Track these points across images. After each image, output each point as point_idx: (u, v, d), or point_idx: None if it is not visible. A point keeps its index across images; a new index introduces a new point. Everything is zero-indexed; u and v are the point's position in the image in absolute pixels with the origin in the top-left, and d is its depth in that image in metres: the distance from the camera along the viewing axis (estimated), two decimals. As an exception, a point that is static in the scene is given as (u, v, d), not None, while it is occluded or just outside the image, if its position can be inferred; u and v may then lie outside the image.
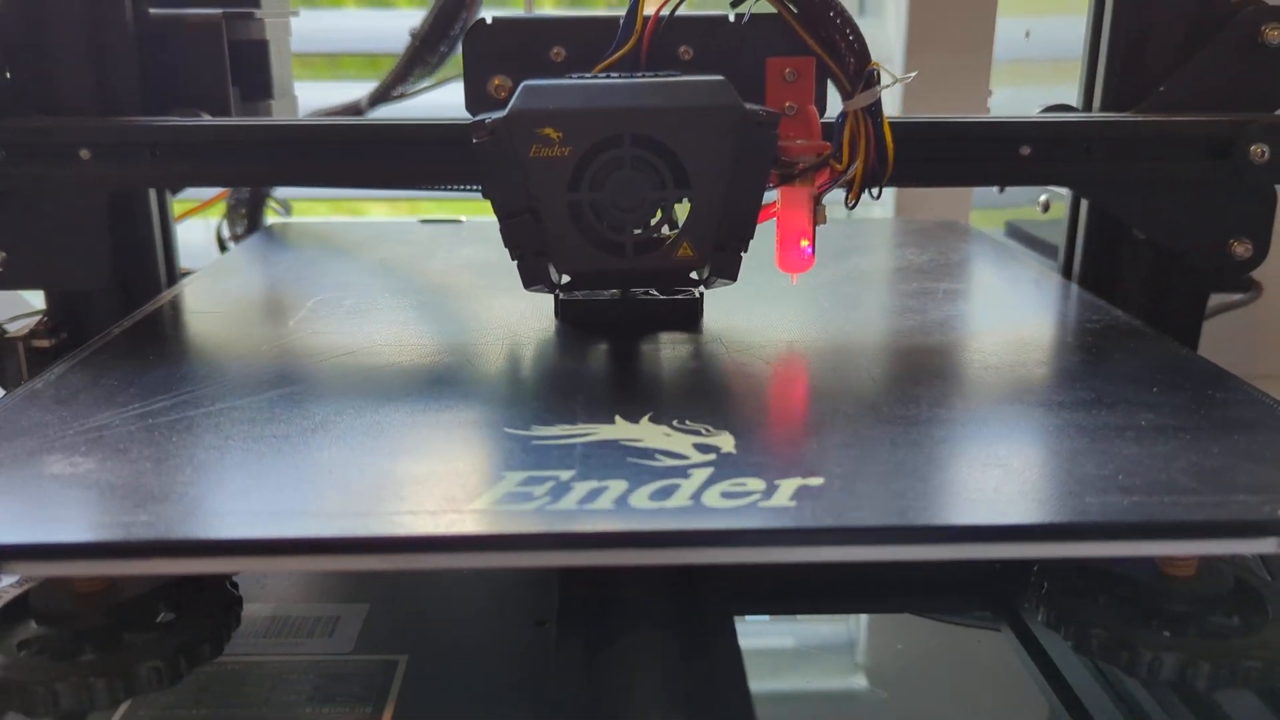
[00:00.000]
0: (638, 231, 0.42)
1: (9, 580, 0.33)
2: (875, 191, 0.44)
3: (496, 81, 0.46)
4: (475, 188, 0.49)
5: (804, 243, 0.45)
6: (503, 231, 0.42)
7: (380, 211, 1.09)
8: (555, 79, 0.42)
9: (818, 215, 0.45)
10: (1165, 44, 0.52)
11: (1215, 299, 0.67)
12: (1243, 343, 0.89)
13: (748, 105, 0.41)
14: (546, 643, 0.38)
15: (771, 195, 0.44)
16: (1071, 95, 0.56)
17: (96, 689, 0.31)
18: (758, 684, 0.36)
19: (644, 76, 0.42)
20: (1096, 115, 0.53)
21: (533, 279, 0.43)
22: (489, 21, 0.46)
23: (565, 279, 0.44)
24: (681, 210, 0.42)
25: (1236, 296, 0.72)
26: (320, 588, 0.42)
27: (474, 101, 0.46)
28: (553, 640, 0.38)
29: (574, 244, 0.42)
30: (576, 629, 0.38)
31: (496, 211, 0.41)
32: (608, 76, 0.42)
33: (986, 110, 0.75)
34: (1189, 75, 0.50)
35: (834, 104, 0.44)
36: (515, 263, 0.42)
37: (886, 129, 0.43)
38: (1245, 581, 0.36)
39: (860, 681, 0.43)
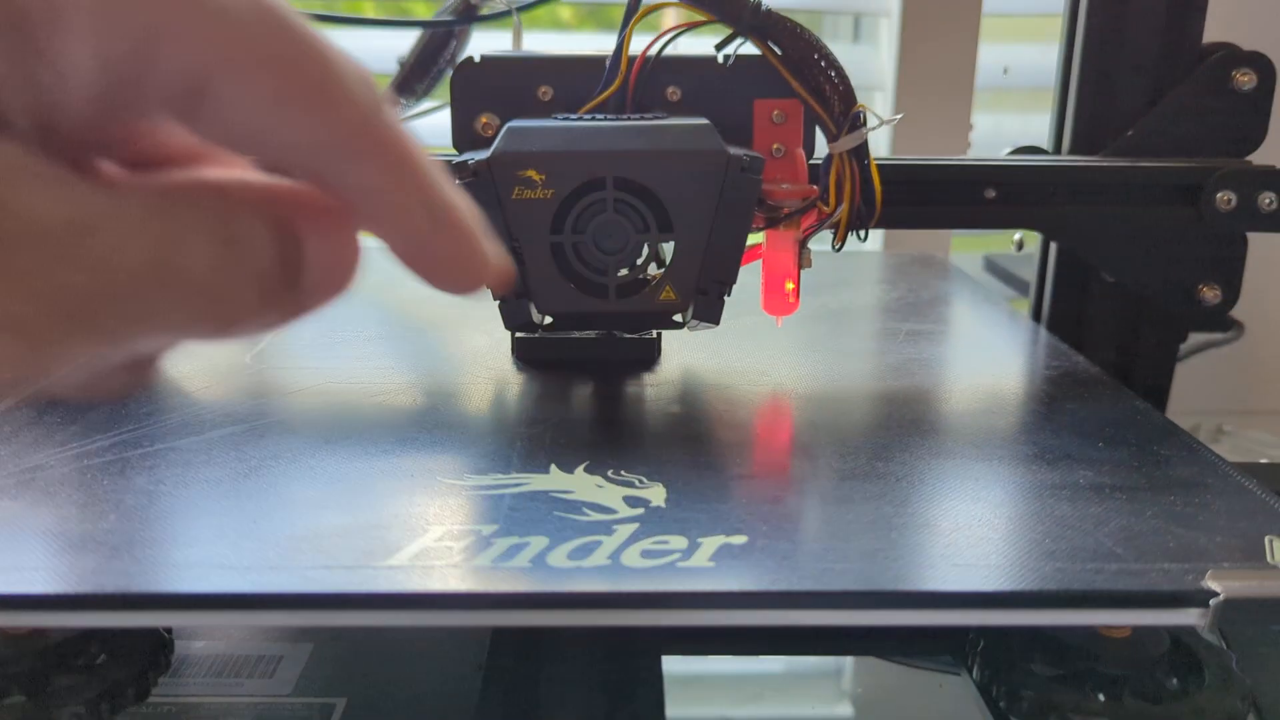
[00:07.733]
0: (621, 274, 0.42)
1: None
2: (862, 234, 0.44)
3: (484, 120, 0.45)
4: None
5: (789, 286, 0.44)
6: None
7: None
8: (539, 120, 0.42)
9: (803, 259, 0.44)
10: (1136, 86, 0.51)
11: (1197, 338, 0.66)
12: (1229, 380, 0.89)
13: (731, 150, 0.40)
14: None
15: (758, 237, 0.44)
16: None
17: (17, 735, 0.31)
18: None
19: (629, 119, 0.42)
20: (1063, 159, 0.52)
21: (514, 320, 0.42)
22: (477, 60, 0.45)
23: (547, 320, 0.44)
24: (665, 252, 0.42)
25: (1218, 335, 0.71)
26: (267, 627, 0.42)
27: (461, 138, 0.46)
28: (477, 688, 0.38)
29: (556, 286, 0.41)
30: (504, 674, 0.37)
31: None
32: (593, 118, 0.42)
33: (968, 145, 0.75)
34: (1158, 119, 0.50)
35: (822, 146, 0.43)
36: (496, 304, 0.42)
37: (874, 171, 0.42)
38: (1182, 643, 0.35)
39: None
